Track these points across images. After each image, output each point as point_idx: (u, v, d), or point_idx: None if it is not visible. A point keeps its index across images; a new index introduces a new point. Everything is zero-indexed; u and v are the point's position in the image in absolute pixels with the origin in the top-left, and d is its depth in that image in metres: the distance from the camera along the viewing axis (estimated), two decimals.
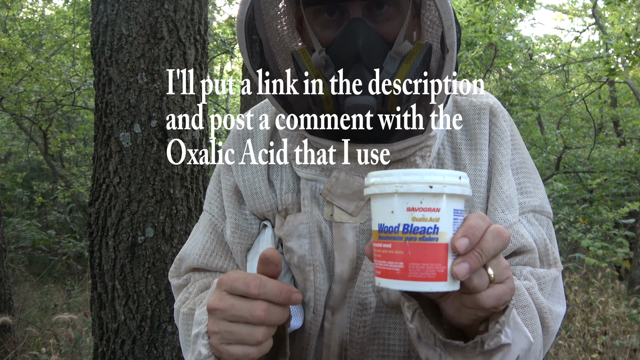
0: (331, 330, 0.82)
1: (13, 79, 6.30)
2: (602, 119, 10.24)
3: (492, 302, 0.57)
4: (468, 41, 6.42)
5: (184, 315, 0.85)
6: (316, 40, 0.77)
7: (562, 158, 8.25)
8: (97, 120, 2.30)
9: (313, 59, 0.77)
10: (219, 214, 0.91)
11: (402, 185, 0.53)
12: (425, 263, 0.54)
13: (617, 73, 5.25)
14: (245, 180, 0.87)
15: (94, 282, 2.28)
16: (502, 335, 0.61)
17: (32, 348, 4.01)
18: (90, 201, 2.31)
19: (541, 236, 0.83)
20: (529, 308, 0.74)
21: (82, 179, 8.94)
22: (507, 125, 0.87)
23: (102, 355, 2.24)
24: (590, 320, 4.28)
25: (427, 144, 0.80)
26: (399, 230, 0.54)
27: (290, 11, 0.85)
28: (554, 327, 0.80)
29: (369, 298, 0.79)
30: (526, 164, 0.87)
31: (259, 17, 0.79)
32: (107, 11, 2.24)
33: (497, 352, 0.62)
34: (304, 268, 0.80)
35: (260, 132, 0.90)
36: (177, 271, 0.95)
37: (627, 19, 9.28)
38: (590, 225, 6.79)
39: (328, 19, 0.76)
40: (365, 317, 0.80)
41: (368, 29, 0.72)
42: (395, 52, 0.74)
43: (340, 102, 0.74)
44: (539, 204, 0.85)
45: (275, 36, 0.85)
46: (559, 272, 0.83)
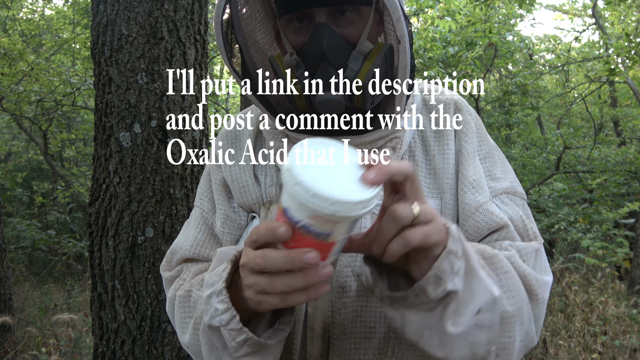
0: (314, 313, 0.85)
1: (13, 79, 6.29)
2: (602, 119, 10.24)
3: (418, 238, 0.59)
4: (468, 41, 6.42)
5: (180, 297, 0.87)
6: (289, 45, 0.85)
7: (562, 158, 8.25)
8: (97, 120, 2.30)
9: (285, 61, 0.85)
10: (209, 209, 0.97)
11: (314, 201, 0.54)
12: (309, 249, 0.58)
13: (617, 73, 5.25)
14: (233, 175, 0.94)
15: (94, 282, 2.28)
16: (447, 283, 0.63)
17: (32, 348, 4.01)
18: (90, 201, 2.31)
19: (517, 213, 0.87)
20: (510, 274, 0.76)
21: (82, 179, 8.94)
22: (472, 118, 0.94)
23: (102, 355, 2.24)
24: (590, 320, 4.28)
25: (396, 136, 0.88)
26: (299, 226, 0.57)
27: (269, 23, 0.94)
28: (542, 294, 0.81)
29: (348, 281, 0.83)
30: (492, 153, 0.93)
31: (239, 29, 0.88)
32: (107, 11, 2.24)
33: (449, 301, 0.64)
34: None
35: (246, 132, 0.97)
36: (169, 264, 0.98)
37: (627, 19, 9.28)
38: (590, 225, 6.80)
39: (298, 26, 0.84)
40: (345, 300, 0.84)
41: (332, 31, 0.80)
42: (358, 51, 0.81)
43: (312, 98, 0.81)
44: (509, 185, 0.90)
45: (254, 45, 0.93)
46: (540, 245, 0.86)
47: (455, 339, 0.65)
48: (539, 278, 0.81)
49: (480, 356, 0.69)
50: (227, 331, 0.68)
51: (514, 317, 0.74)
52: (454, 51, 6.19)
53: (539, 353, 3.91)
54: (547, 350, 3.91)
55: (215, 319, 0.69)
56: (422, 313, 0.65)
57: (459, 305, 0.65)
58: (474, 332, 0.66)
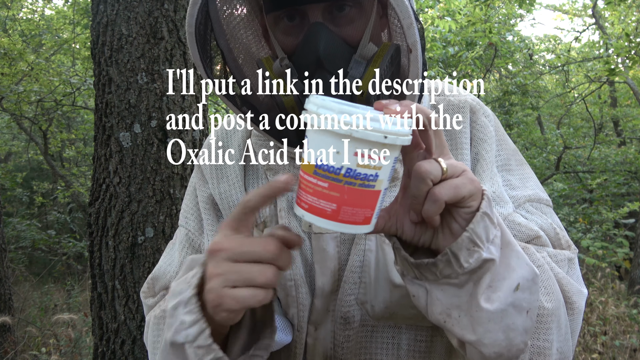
0: (314, 346, 0.78)
1: (13, 79, 6.29)
2: (602, 119, 10.24)
3: (448, 191, 0.53)
4: (468, 41, 6.42)
5: (155, 318, 0.80)
6: (279, 48, 0.74)
7: (562, 158, 8.25)
8: (97, 120, 2.30)
9: (274, 68, 0.74)
10: (195, 229, 0.86)
11: (359, 130, 0.50)
12: (358, 208, 0.53)
13: (617, 73, 5.25)
14: (221, 192, 0.83)
15: (94, 282, 2.28)
16: (482, 250, 0.55)
17: (32, 348, 4.01)
18: (90, 201, 2.31)
19: (546, 222, 0.78)
20: (544, 268, 0.68)
21: (82, 179, 8.94)
22: (490, 120, 0.83)
23: (102, 355, 2.24)
24: (590, 320, 4.28)
25: None
26: (341, 173, 0.52)
27: (255, 19, 0.82)
28: (579, 302, 0.72)
29: (352, 311, 0.75)
30: (511, 160, 0.83)
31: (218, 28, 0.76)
32: (107, 11, 2.24)
33: (483, 273, 0.56)
34: (285, 283, 0.76)
35: (234, 143, 0.87)
36: (151, 290, 0.87)
37: (627, 19, 9.28)
38: (590, 225, 6.79)
39: (289, 25, 0.72)
40: (348, 332, 0.76)
41: (329, 32, 0.69)
42: (360, 55, 0.71)
43: None
44: (532, 193, 0.81)
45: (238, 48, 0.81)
46: (574, 255, 0.77)
47: (490, 317, 0.56)
48: (575, 284, 0.72)
49: (516, 347, 0.59)
50: (192, 349, 0.57)
51: (552, 315, 0.66)
52: (454, 51, 6.19)
53: None
54: None
55: (181, 333, 0.57)
56: (451, 289, 0.57)
57: (495, 279, 0.56)
58: (511, 313, 0.57)
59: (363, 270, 0.75)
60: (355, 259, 0.75)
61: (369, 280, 0.75)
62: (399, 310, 0.75)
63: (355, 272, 0.75)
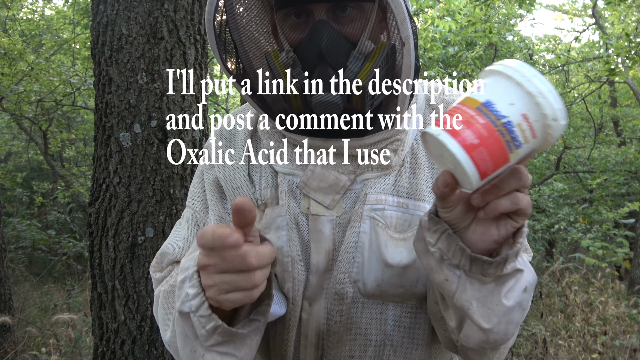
0: (308, 320, 0.84)
1: (13, 79, 6.29)
2: (602, 119, 10.24)
3: (525, 203, 0.61)
4: (468, 41, 6.42)
5: (165, 292, 0.86)
6: (286, 42, 0.81)
7: (562, 158, 8.25)
8: (97, 120, 2.30)
9: (281, 60, 0.81)
10: (201, 209, 0.94)
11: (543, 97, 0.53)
12: (490, 157, 0.55)
13: (617, 73, 5.24)
14: (226, 175, 0.90)
15: (94, 282, 2.28)
16: (517, 261, 0.65)
17: (32, 348, 4.01)
18: (90, 201, 2.32)
19: None
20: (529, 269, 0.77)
21: (82, 179, 8.94)
22: None
23: (102, 355, 2.24)
24: (590, 320, 4.28)
25: (397, 138, 0.84)
26: (501, 122, 0.54)
27: (266, 17, 0.91)
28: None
29: (345, 288, 0.82)
30: None
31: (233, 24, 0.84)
32: (107, 11, 2.24)
33: (511, 278, 0.66)
34: (283, 259, 0.82)
35: (240, 132, 0.93)
36: (159, 265, 0.96)
37: (627, 19, 9.28)
38: (590, 225, 6.80)
39: (296, 22, 0.80)
40: (341, 307, 0.82)
41: (331, 29, 0.76)
42: (359, 51, 0.78)
43: (308, 99, 0.78)
44: None
45: (250, 41, 0.89)
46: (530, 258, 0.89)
47: (505, 311, 0.67)
48: None
49: (508, 337, 0.70)
50: (196, 318, 0.66)
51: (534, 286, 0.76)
52: (454, 51, 6.19)
53: (539, 353, 3.91)
54: (547, 350, 3.91)
55: (186, 304, 0.67)
56: (476, 284, 0.66)
57: (516, 283, 0.67)
58: (516, 310, 0.68)
59: (357, 250, 0.81)
60: (350, 240, 0.81)
61: (362, 260, 0.81)
62: (388, 288, 0.82)
63: (349, 252, 0.81)
